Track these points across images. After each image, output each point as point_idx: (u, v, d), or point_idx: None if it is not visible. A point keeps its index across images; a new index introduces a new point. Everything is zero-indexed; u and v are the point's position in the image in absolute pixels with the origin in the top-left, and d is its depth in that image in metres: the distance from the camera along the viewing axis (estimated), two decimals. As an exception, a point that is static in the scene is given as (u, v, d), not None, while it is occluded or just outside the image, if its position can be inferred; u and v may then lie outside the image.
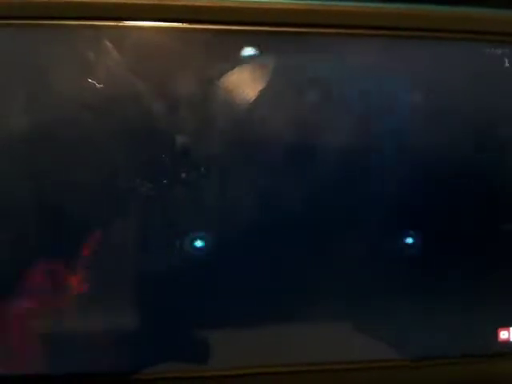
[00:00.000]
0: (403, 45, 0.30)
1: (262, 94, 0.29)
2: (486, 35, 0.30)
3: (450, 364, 0.32)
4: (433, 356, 0.32)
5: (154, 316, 0.29)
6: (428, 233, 0.31)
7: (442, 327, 0.32)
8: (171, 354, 0.29)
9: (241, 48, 0.29)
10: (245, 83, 0.29)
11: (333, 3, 0.30)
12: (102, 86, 0.28)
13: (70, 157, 0.28)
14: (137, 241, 0.29)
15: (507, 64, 0.31)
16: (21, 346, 0.28)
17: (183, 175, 0.29)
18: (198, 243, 0.29)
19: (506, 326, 0.32)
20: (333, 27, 0.29)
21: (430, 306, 0.31)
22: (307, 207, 0.30)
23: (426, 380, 0.32)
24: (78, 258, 0.28)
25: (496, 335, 0.32)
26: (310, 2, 0.29)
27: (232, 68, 0.29)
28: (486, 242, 0.32)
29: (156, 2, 0.28)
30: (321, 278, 0.31)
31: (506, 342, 0.32)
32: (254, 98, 0.29)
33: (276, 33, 0.29)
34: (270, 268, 0.30)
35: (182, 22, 0.28)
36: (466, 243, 0.32)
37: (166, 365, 0.29)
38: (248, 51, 0.29)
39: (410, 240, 0.31)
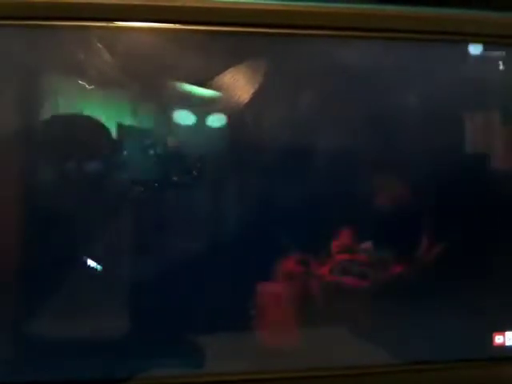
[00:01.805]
0: (398, 47, 0.30)
1: (256, 96, 0.29)
2: (481, 37, 0.30)
3: (445, 368, 0.31)
4: (428, 360, 0.31)
5: (148, 322, 0.29)
6: (425, 239, 0.31)
7: (437, 332, 0.31)
8: (165, 360, 0.29)
9: (234, 49, 0.29)
10: (239, 85, 0.29)
11: (327, 5, 0.29)
12: (92, 87, 0.27)
13: (59, 158, 0.28)
14: (131, 246, 0.28)
15: (502, 67, 0.31)
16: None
17: (176, 178, 0.28)
18: (196, 246, 0.29)
19: (500, 330, 0.32)
20: (327, 29, 0.29)
21: (426, 311, 0.31)
22: (306, 210, 0.30)
23: (420, 385, 0.32)
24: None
25: (491, 339, 0.32)
26: (302, 3, 0.29)
27: (225, 69, 0.29)
28: (482, 248, 0.32)
29: (147, 3, 0.28)
30: (316, 281, 0.30)
31: (501, 347, 0.32)
32: (247, 101, 0.29)
33: (270, 34, 0.29)
34: (266, 272, 0.30)
35: (174, 23, 0.28)
36: (462, 249, 0.32)
37: (160, 370, 0.29)
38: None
39: (407, 244, 0.31)
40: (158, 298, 0.29)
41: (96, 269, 0.28)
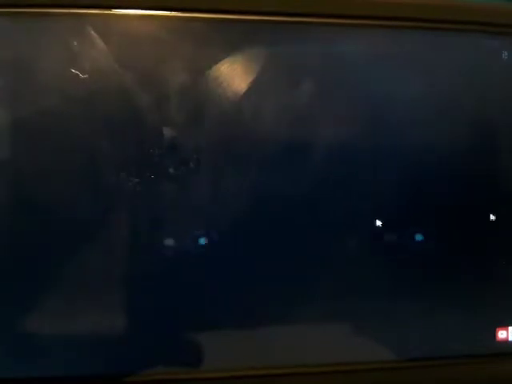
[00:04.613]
0: (403, 35, 0.30)
1: (255, 86, 0.28)
2: (484, 26, 0.30)
3: (447, 364, 0.31)
4: (430, 357, 0.31)
5: (146, 318, 0.29)
6: (426, 233, 0.31)
7: (439, 327, 0.31)
8: (164, 357, 0.29)
9: (232, 38, 0.28)
10: (237, 75, 0.28)
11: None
12: (86, 76, 0.27)
13: (52, 149, 0.27)
14: (130, 241, 0.28)
15: (505, 56, 0.31)
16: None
17: (172, 170, 0.28)
18: (192, 243, 0.28)
19: (504, 325, 0.32)
20: (330, 17, 0.29)
21: (428, 306, 0.31)
22: (304, 204, 0.29)
23: (423, 381, 0.31)
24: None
25: (494, 335, 0.32)
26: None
27: (223, 59, 0.28)
28: (483, 242, 0.31)
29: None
30: (317, 278, 0.30)
31: (505, 342, 0.32)
32: (245, 91, 0.28)
33: (269, 22, 0.28)
34: (265, 267, 0.29)
35: (172, 11, 0.28)
36: (463, 243, 0.31)
37: (158, 367, 0.29)
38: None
39: (407, 240, 0.31)
40: (155, 295, 0.28)
41: (95, 265, 0.28)
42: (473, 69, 0.31)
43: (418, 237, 0.31)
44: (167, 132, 0.28)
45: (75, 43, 0.27)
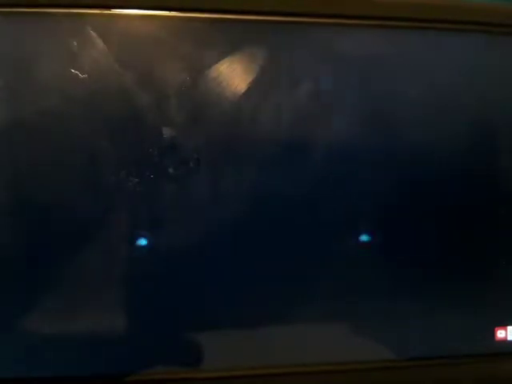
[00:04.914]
0: (403, 35, 0.30)
1: (254, 87, 0.28)
2: (484, 26, 0.30)
3: (447, 364, 0.31)
4: (430, 356, 0.31)
5: (146, 318, 0.29)
6: (425, 233, 0.31)
7: (439, 327, 0.31)
8: (164, 357, 0.29)
9: (231, 38, 0.28)
10: (236, 75, 0.28)
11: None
12: (86, 76, 0.27)
13: (53, 149, 0.27)
14: (130, 240, 0.28)
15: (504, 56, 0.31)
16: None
17: (172, 170, 0.28)
18: (192, 242, 0.28)
19: (503, 324, 0.32)
20: (330, 17, 0.29)
21: (428, 306, 0.31)
22: (304, 204, 0.29)
23: (423, 380, 0.31)
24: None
25: (493, 334, 0.32)
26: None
27: (223, 58, 0.28)
28: (483, 242, 0.31)
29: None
30: (317, 277, 0.30)
31: (504, 341, 0.32)
32: (244, 90, 0.28)
33: (268, 22, 0.28)
34: (265, 267, 0.29)
35: (172, 11, 0.28)
36: (463, 243, 0.31)
37: (158, 367, 0.29)
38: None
39: (407, 240, 0.31)
40: (155, 294, 0.28)
41: (95, 265, 0.28)
42: (473, 69, 0.31)
43: (418, 237, 0.31)
44: (167, 132, 0.28)
45: (75, 43, 0.27)
